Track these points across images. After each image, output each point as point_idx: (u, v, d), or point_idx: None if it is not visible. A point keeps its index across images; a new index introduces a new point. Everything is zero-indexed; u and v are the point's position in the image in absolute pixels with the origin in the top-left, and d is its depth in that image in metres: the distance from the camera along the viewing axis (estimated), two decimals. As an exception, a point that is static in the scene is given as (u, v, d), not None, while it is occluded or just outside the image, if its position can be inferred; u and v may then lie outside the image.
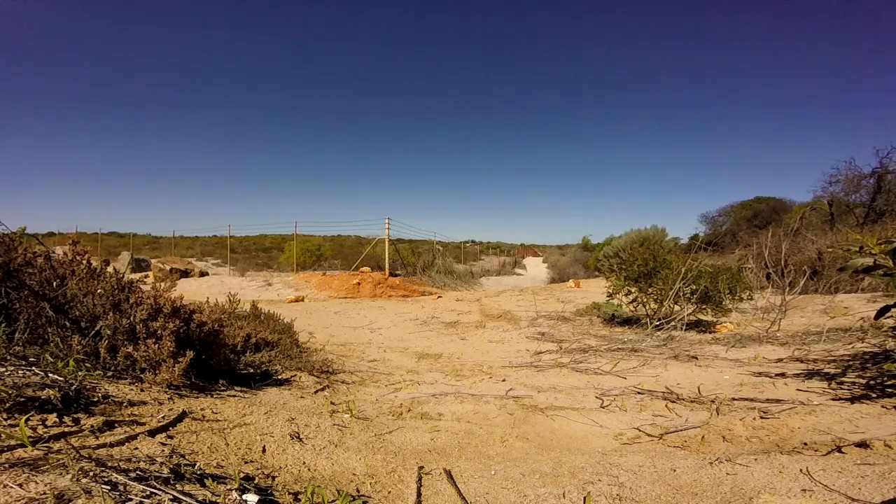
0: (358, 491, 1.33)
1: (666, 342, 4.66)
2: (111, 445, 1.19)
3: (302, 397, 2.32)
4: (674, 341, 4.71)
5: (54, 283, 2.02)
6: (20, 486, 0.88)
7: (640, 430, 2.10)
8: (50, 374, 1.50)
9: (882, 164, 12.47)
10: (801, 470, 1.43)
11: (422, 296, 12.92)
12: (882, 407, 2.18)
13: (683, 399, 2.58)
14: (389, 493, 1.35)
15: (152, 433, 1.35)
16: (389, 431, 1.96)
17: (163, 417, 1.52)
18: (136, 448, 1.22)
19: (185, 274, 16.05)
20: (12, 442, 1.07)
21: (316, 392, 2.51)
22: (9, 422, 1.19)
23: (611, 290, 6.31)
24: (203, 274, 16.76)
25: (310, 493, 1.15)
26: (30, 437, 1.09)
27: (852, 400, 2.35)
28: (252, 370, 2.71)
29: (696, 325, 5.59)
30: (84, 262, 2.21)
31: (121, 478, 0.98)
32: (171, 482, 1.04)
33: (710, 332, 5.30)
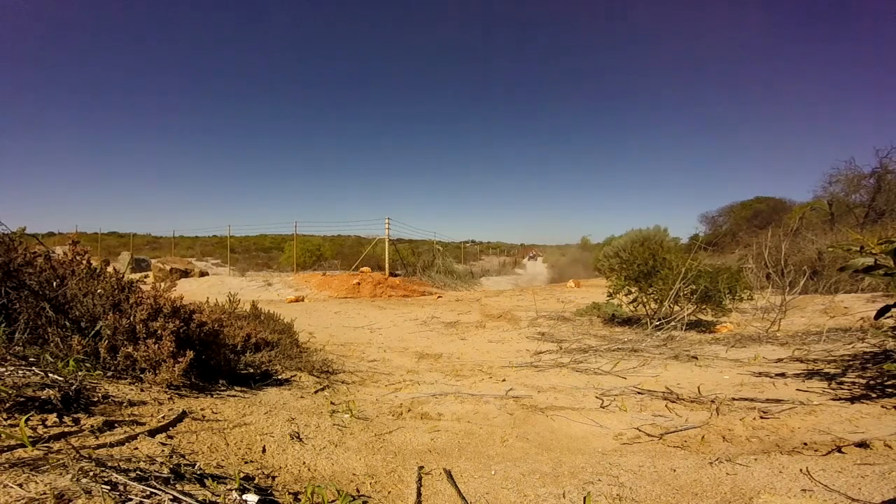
0: (358, 491, 1.33)
1: (666, 342, 4.66)
2: (111, 445, 1.19)
3: (302, 397, 2.32)
4: (674, 341, 4.71)
5: (54, 283, 2.02)
6: (20, 486, 0.88)
7: (640, 430, 2.10)
8: (50, 374, 1.50)
9: (882, 164, 12.47)
10: (801, 470, 1.43)
11: (422, 296, 12.92)
12: (882, 407, 2.18)
13: (683, 399, 2.57)
14: (389, 493, 1.35)
15: (152, 433, 1.35)
16: (389, 431, 1.96)
17: (163, 417, 1.52)
18: (136, 448, 1.22)
19: (185, 274, 16.06)
20: (12, 442, 1.07)
21: (316, 392, 2.51)
22: (9, 422, 1.19)
23: (611, 290, 6.31)
24: (203, 274, 16.77)
25: (310, 493, 1.15)
26: (30, 437, 1.09)
27: (852, 400, 2.35)
28: (252, 370, 2.71)
29: (696, 325, 5.59)
30: (84, 262, 2.21)
31: (121, 478, 0.98)
32: (171, 482, 1.04)
33: (710, 332, 5.30)
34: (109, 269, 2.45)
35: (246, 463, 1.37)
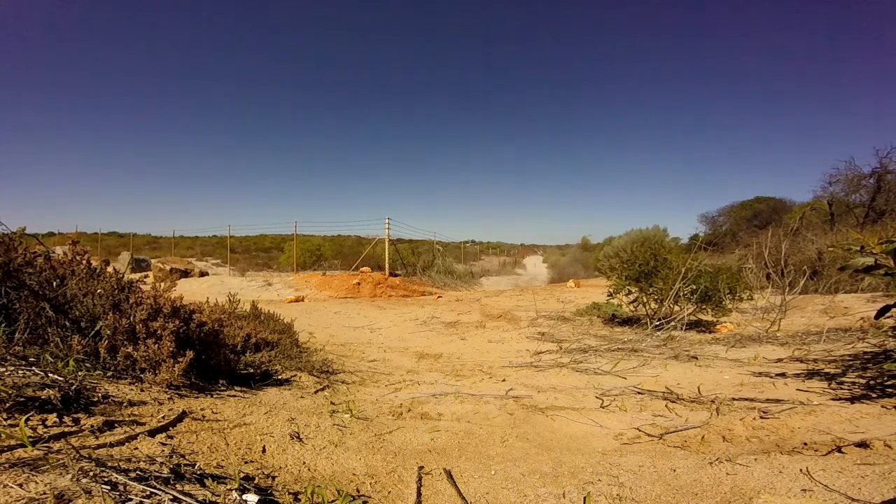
0: (358, 491, 1.33)
1: (666, 342, 4.66)
2: (111, 445, 1.19)
3: (302, 397, 2.32)
4: (674, 341, 4.71)
5: (54, 283, 2.02)
6: (20, 486, 0.88)
7: (640, 430, 2.10)
8: (50, 374, 1.50)
9: (882, 164, 12.46)
10: (801, 470, 1.43)
11: (422, 296, 12.92)
12: (882, 407, 2.18)
13: (683, 399, 2.57)
14: (389, 493, 1.35)
15: (152, 433, 1.35)
16: (389, 431, 1.96)
17: (163, 417, 1.52)
18: (136, 448, 1.22)
19: (185, 274, 16.05)
20: (12, 442, 1.07)
21: (316, 392, 2.51)
22: (9, 422, 1.19)
23: (611, 290, 6.31)
24: (203, 274, 16.77)
25: (310, 493, 1.15)
26: (30, 437, 1.09)
27: (852, 400, 2.35)
28: (252, 370, 2.71)
29: (696, 325, 5.59)
30: (84, 262, 2.21)
31: (121, 478, 0.98)
32: (171, 482, 1.04)
33: (710, 332, 5.30)
34: (109, 269, 2.45)
35: (246, 463, 1.37)
